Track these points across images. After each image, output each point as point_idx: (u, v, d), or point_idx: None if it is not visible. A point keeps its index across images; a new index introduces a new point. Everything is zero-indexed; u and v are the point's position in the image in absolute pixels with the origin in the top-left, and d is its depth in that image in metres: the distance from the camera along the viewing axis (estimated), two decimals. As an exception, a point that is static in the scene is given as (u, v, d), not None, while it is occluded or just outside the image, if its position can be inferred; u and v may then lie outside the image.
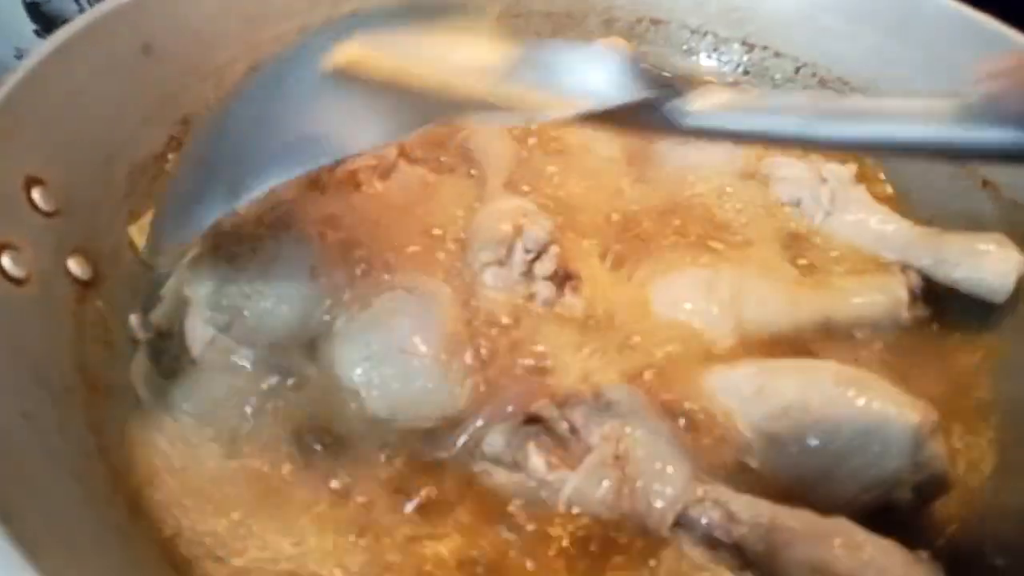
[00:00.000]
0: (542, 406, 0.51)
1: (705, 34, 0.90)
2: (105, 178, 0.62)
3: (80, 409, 0.49)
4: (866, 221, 0.70)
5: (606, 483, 0.48)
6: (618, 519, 0.47)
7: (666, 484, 0.48)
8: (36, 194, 0.53)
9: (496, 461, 0.50)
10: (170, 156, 0.69)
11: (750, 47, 0.89)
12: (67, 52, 0.59)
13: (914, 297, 0.64)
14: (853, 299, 0.64)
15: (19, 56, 0.99)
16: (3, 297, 0.47)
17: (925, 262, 0.67)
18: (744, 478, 0.51)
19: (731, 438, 0.53)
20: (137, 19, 0.66)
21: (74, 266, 0.55)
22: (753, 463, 0.52)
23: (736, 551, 0.46)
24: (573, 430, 0.50)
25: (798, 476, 0.52)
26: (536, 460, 0.49)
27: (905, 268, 0.66)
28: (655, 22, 0.91)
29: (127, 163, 0.64)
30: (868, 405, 0.52)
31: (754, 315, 0.62)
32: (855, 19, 0.83)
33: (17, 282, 0.49)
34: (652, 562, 0.47)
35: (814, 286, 0.65)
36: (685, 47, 0.91)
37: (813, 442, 0.52)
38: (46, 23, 0.98)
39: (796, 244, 0.70)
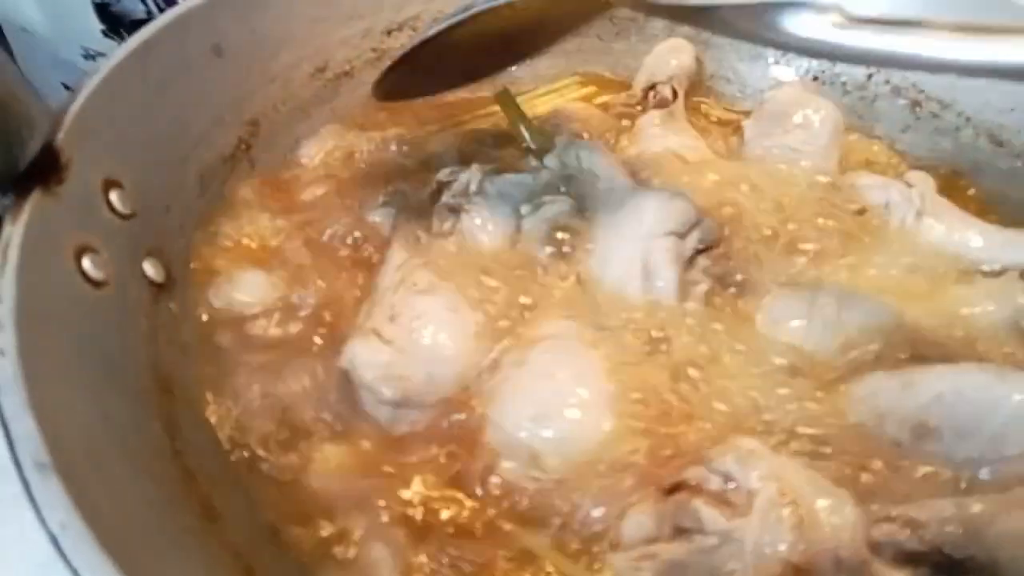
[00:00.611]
0: (691, 473, 0.48)
1: (773, 38, 0.88)
2: (178, 180, 0.62)
3: (154, 410, 0.49)
4: (956, 224, 0.68)
5: (786, 520, 0.45)
6: (808, 559, 0.44)
7: (842, 510, 0.45)
8: (114, 196, 0.54)
9: (645, 542, 0.47)
10: (239, 158, 0.69)
11: (820, 52, 0.87)
12: (143, 55, 0.60)
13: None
14: (964, 309, 0.61)
15: (87, 56, 1.01)
16: (84, 300, 0.48)
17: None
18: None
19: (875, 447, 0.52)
20: (208, 20, 0.67)
21: (149, 268, 0.56)
22: (904, 461, 0.51)
23: (937, 554, 0.44)
24: (728, 479, 0.47)
25: (957, 464, 0.51)
26: (710, 512, 0.45)
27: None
28: (720, 27, 0.89)
29: (198, 165, 0.65)
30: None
31: (860, 329, 0.60)
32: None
33: (96, 284, 0.49)
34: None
35: (921, 297, 0.63)
36: (752, 52, 0.89)
37: (969, 425, 0.51)
38: (113, 23, 0.99)
39: (888, 248, 0.67)
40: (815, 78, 0.87)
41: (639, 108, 0.85)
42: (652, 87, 0.84)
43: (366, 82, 0.82)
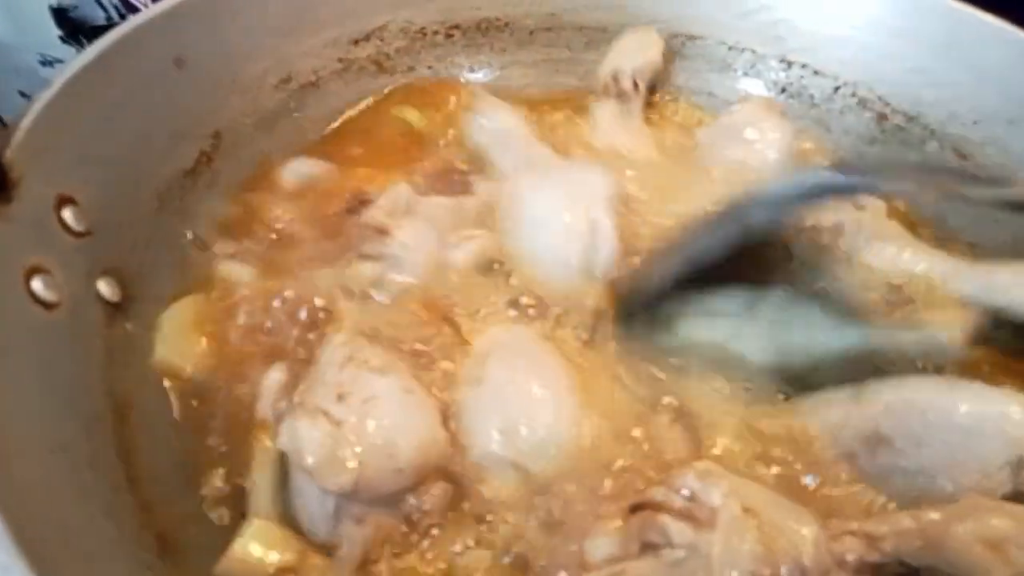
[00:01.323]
0: (654, 491, 0.49)
1: (743, 51, 0.88)
2: (136, 196, 0.61)
3: (110, 438, 0.48)
4: (903, 251, 0.68)
5: (749, 535, 0.45)
6: (774, 571, 0.45)
7: (802, 524, 0.46)
8: (67, 214, 0.52)
9: (610, 562, 0.47)
10: (201, 172, 0.68)
11: (788, 64, 0.87)
12: (100, 67, 0.58)
13: (973, 333, 0.62)
14: (903, 336, 0.62)
15: (44, 62, 0.99)
16: (35, 323, 0.46)
17: (969, 290, 0.65)
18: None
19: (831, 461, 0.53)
20: (170, 31, 0.65)
21: (104, 288, 0.54)
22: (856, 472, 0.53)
23: (897, 565, 0.46)
24: (691, 498, 0.48)
25: (911, 473, 0.52)
26: (678, 525, 0.46)
27: (966, 304, 0.64)
28: (691, 37, 0.89)
29: (158, 179, 0.63)
30: (977, 390, 0.52)
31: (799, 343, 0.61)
32: (897, 37, 0.81)
33: (48, 306, 0.48)
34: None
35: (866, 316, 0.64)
36: (722, 63, 0.89)
37: (922, 432, 0.51)
38: (72, 29, 0.97)
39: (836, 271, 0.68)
40: (783, 90, 0.88)
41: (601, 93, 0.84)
42: (616, 77, 0.83)
43: (332, 92, 0.81)
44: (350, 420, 0.49)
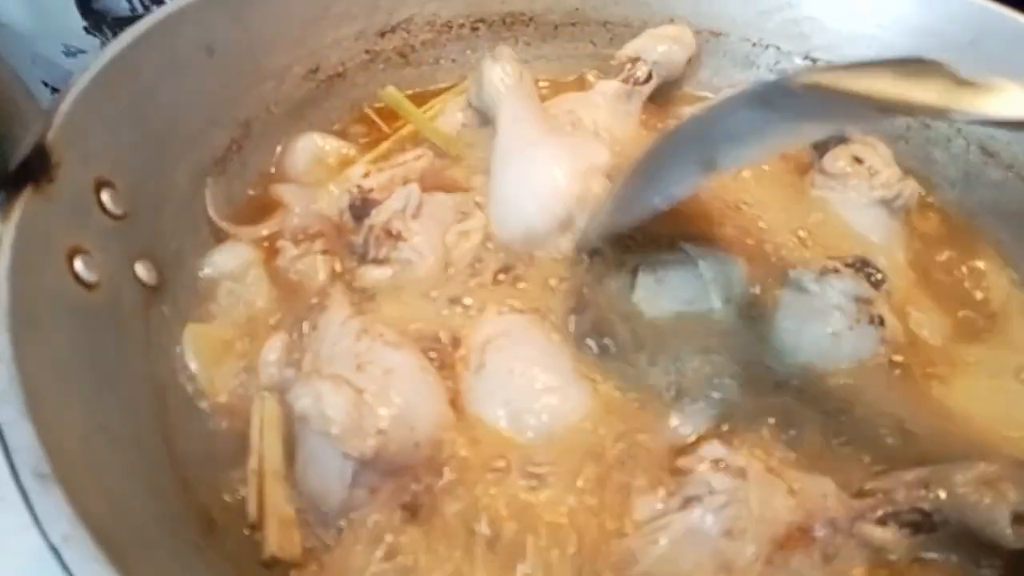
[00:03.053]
0: (683, 461, 0.53)
1: (767, 47, 0.88)
2: (170, 181, 0.61)
3: (151, 419, 0.48)
4: None
5: (779, 489, 0.50)
6: (806, 520, 0.49)
7: (823, 483, 0.52)
8: (105, 197, 0.52)
9: (655, 518, 0.50)
10: (231, 159, 0.68)
11: (813, 62, 0.87)
12: (134, 53, 0.58)
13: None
14: None
15: (68, 53, 0.98)
16: (77, 302, 0.46)
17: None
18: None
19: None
20: (201, 19, 0.65)
21: (142, 271, 0.54)
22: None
23: (912, 512, 0.50)
24: (718, 461, 0.51)
25: None
26: (718, 475, 0.50)
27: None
28: (715, 34, 0.89)
29: (191, 166, 0.63)
30: None
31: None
32: (923, 35, 0.81)
33: (89, 287, 0.48)
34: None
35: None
36: (745, 60, 0.89)
37: None
38: (96, 20, 0.97)
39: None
40: (807, 87, 0.87)
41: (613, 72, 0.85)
42: (634, 60, 0.83)
43: (359, 84, 0.81)
44: (371, 389, 0.49)
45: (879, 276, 0.65)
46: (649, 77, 0.83)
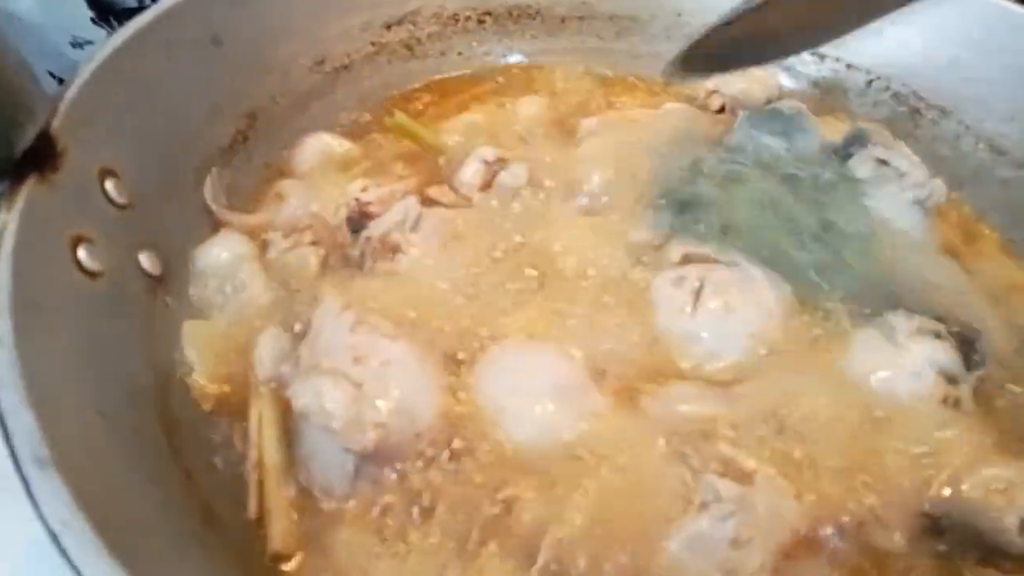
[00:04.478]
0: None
1: (773, 42, 0.88)
2: (175, 172, 0.61)
3: (153, 407, 0.48)
4: None
5: (786, 492, 0.50)
6: (813, 525, 0.49)
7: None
8: (110, 186, 0.52)
9: None
10: (236, 150, 0.68)
11: (821, 58, 0.87)
12: (139, 43, 0.58)
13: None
14: None
15: (75, 44, 0.98)
16: (80, 291, 0.46)
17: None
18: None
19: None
20: (207, 10, 0.65)
21: (145, 261, 0.54)
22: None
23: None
24: (726, 463, 0.50)
25: None
26: (724, 482, 0.49)
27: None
28: (722, 28, 0.88)
29: (196, 157, 0.64)
30: None
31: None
32: (932, 31, 0.81)
33: (92, 275, 0.48)
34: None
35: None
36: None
37: None
38: (103, 11, 0.97)
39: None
40: (816, 84, 0.87)
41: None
42: (711, 92, 0.84)
43: (365, 76, 0.81)
44: (370, 382, 0.49)
45: (978, 358, 0.59)
46: (722, 110, 0.83)
